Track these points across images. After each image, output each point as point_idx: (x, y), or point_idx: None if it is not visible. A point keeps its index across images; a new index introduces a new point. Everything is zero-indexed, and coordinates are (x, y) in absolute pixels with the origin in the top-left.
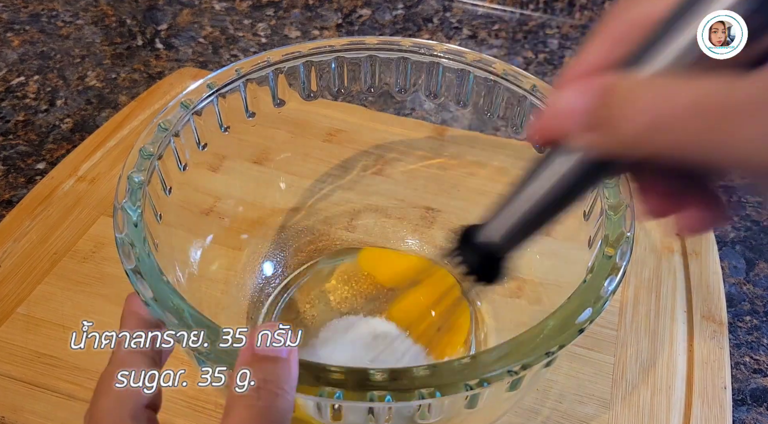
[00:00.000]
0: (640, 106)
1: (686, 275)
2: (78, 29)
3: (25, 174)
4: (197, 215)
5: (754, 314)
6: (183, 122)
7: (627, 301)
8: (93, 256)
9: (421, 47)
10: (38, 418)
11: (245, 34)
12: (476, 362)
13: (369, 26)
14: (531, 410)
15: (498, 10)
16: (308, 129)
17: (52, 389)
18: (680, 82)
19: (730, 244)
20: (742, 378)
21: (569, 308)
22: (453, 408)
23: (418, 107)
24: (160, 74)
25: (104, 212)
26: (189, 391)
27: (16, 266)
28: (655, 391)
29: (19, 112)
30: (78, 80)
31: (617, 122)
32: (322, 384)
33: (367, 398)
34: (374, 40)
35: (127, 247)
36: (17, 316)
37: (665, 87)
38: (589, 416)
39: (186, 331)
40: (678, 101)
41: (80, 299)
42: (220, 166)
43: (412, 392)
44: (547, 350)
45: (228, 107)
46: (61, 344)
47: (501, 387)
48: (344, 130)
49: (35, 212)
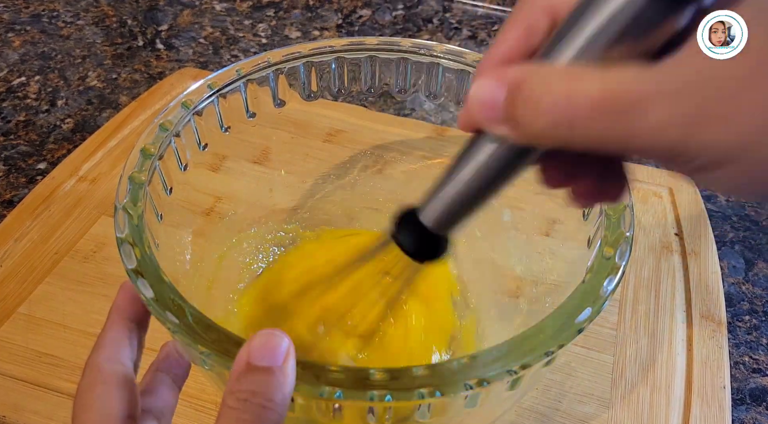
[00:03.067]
0: (544, 105)
1: (685, 274)
2: (79, 30)
3: (26, 174)
4: (198, 214)
5: (753, 314)
6: (184, 122)
7: (626, 300)
8: (94, 256)
9: (421, 48)
10: (39, 417)
11: (246, 34)
12: (476, 361)
13: (369, 27)
14: (531, 409)
15: (498, 10)
16: (308, 129)
17: (53, 389)
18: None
19: (729, 244)
20: (741, 378)
21: (568, 308)
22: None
23: (418, 108)
24: (160, 74)
25: (105, 211)
26: (189, 391)
27: (17, 265)
28: (655, 390)
29: (20, 113)
30: (79, 80)
31: (524, 119)
32: (323, 383)
33: (367, 397)
34: (374, 41)
35: (128, 247)
36: (18, 316)
37: (570, 83)
38: (588, 415)
39: (187, 332)
40: (581, 100)
41: (81, 298)
42: (220, 166)
43: (412, 391)
44: (546, 350)
45: (228, 107)
46: (62, 343)
47: (501, 387)
48: (344, 130)
49: (36, 212)
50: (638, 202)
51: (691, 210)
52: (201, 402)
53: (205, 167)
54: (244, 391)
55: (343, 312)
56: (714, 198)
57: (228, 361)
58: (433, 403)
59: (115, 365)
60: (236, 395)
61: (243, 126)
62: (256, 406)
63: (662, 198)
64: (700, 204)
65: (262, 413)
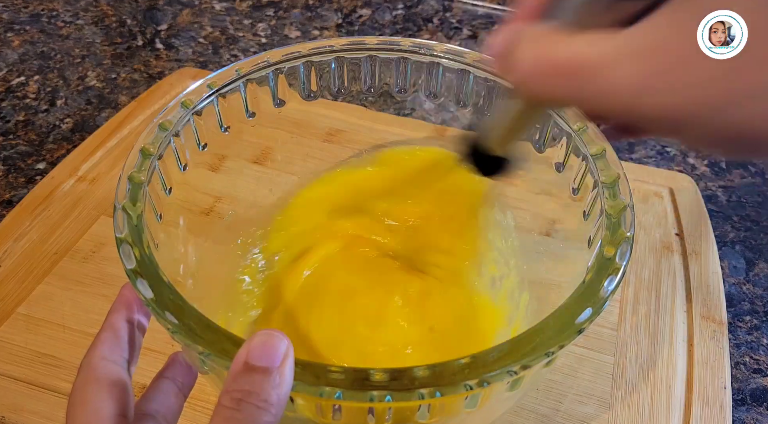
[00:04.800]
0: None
1: (686, 274)
2: (78, 29)
3: (25, 174)
4: (197, 214)
5: (754, 314)
6: (183, 122)
7: (627, 301)
8: (93, 256)
9: (421, 47)
10: (39, 418)
11: (245, 34)
12: (476, 362)
13: (369, 26)
14: (531, 410)
15: (498, 10)
16: (308, 129)
17: (53, 389)
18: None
19: (730, 244)
20: (742, 378)
21: (569, 308)
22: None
23: (418, 107)
24: (160, 74)
25: (104, 211)
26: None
27: (17, 265)
28: (655, 391)
29: (19, 112)
30: (78, 80)
31: (511, 68)
32: (322, 384)
33: (367, 398)
34: (374, 40)
35: (128, 247)
36: (17, 316)
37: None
38: (589, 416)
39: (186, 332)
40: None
41: (80, 298)
42: (220, 166)
43: (412, 391)
44: (547, 351)
45: (228, 107)
46: (61, 343)
47: (501, 387)
48: (344, 130)
49: (35, 212)
50: (639, 202)
51: (691, 210)
52: (201, 402)
53: (204, 167)
54: (239, 391)
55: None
56: (715, 198)
57: (227, 361)
58: (433, 403)
59: (108, 364)
60: (231, 395)
61: (243, 126)
62: (250, 406)
63: (663, 198)
64: (701, 204)
65: (256, 414)
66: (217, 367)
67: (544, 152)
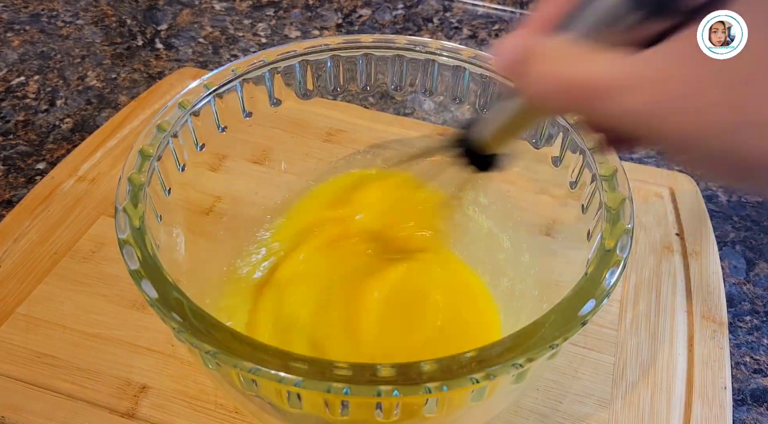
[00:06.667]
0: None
1: (686, 274)
2: (78, 29)
3: (25, 174)
4: (197, 214)
5: (755, 314)
6: (181, 123)
7: (627, 301)
8: (93, 256)
9: (417, 45)
10: (38, 418)
11: (245, 34)
12: (482, 355)
13: (369, 26)
14: (531, 409)
15: (498, 10)
16: (308, 129)
17: (52, 389)
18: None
19: (730, 244)
20: (743, 378)
21: (572, 301)
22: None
23: (417, 108)
24: (160, 74)
25: (104, 211)
26: (189, 391)
27: (16, 265)
28: (655, 391)
29: (19, 112)
30: (78, 80)
31: (525, 81)
32: (330, 380)
33: (374, 392)
34: (369, 38)
35: (130, 248)
36: (17, 316)
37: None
38: (589, 415)
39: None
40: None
41: (80, 298)
42: (219, 166)
43: (419, 385)
44: (551, 343)
45: (225, 107)
46: (61, 343)
47: (506, 380)
48: (344, 130)
49: (35, 212)
50: (639, 202)
51: (692, 210)
52: (201, 402)
53: (204, 167)
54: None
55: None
56: (715, 198)
57: (234, 359)
58: (440, 397)
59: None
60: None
61: (240, 126)
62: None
63: (663, 198)
64: (701, 204)
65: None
66: (223, 365)
67: (540, 149)
